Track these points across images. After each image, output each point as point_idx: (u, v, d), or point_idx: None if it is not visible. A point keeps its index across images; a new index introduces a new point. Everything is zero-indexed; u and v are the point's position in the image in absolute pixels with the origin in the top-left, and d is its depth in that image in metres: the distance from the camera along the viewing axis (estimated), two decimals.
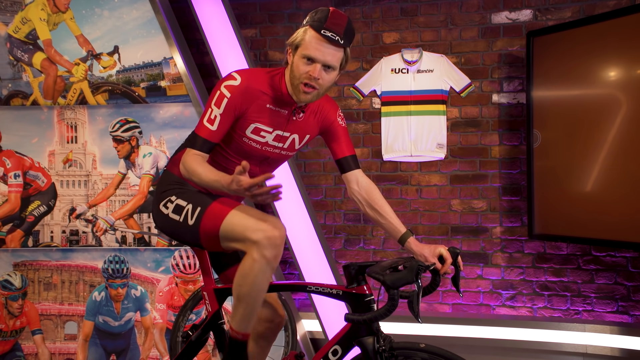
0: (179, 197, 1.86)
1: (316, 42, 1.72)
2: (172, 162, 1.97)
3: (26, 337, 3.52)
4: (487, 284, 3.34)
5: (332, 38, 1.71)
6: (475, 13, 3.34)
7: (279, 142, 1.90)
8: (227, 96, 1.76)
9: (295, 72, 1.76)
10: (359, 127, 3.50)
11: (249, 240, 1.67)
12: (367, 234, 3.49)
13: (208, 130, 1.76)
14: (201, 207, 1.78)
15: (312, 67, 1.74)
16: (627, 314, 3.13)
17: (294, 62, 1.77)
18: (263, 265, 1.67)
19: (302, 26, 1.78)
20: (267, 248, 1.65)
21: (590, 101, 2.86)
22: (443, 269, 1.83)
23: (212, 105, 1.77)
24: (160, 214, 1.89)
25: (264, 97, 1.81)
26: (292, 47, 1.78)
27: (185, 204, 1.82)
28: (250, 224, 1.68)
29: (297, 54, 1.76)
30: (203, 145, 1.77)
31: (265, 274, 1.69)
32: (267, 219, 1.70)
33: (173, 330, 2.53)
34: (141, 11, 3.33)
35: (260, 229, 1.66)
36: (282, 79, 1.83)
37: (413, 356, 1.75)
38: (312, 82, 1.75)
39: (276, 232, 1.66)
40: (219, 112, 1.76)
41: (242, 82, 1.77)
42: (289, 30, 3.57)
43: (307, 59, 1.74)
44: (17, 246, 3.49)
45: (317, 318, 3.18)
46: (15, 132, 3.50)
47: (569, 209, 2.95)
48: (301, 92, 1.77)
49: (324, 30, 1.71)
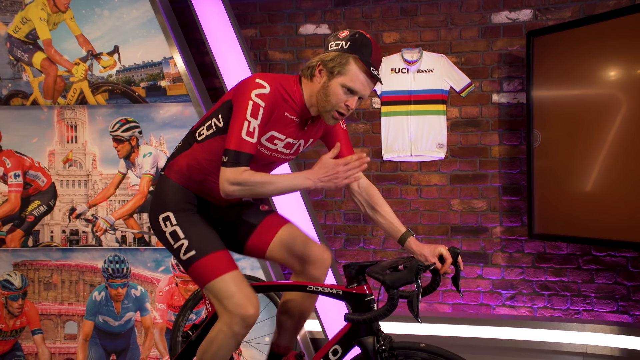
0: (178, 222, 1.86)
1: (363, 78, 1.74)
2: (170, 167, 1.94)
3: (26, 337, 3.52)
4: (487, 284, 3.34)
5: (377, 77, 1.75)
6: (475, 13, 3.34)
7: (287, 149, 1.89)
8: (262, 105, 1.70)
9: (332, 99, 1.75)
10: (359, 127, 3.50)
11: (226, 309, 1.77)
12: (367, 233, 3.49)
13: (250, 144, 1.69)
14: (196, 252, 1.81)
15: (352, 98, 1.76)
16: (627, 314, 3.13)
17: (332, 88, 1.75)
18: (229, 338, 1.78)
19: (341, 49, 1.74)
20: (238, 324, 1.76)
21: (590, 101, 2.86)
22: (443, 268, 1.83)
23: (249, 117, 1.69)
24: (157, 226, 1.90)
25: (284, 106, 1.79)
26: (330, 71, 1.74)
27: (182, 237, 1.84)
28: (235, 296, 1.76)
29: (336, 80, 1.74)
30: (248, 161, 1.69)
31: (229, 346, 1.80)
32: (250, 297, 1.78)
33: (173, 330, 2.52)
34: (141, 11, 3.33)
35: (241, 305, 1.75)
36: (299, 88, 1.81)
37: (413, 356, 1.75)
38: (346, 112, 1.78)
39: (251, 311, 1.75)
40: (257, 124, 1.69)
41: (271, 89, 1.73)
42: (289, 30, 3.57)
43: (347, 90, 1.74)
44: (17, 246, 3.49)
45: (317, 318, 3.18)
46: (15, 132, 3.50)
47: (569, 208, 2.95)
48: (331, 118, 1.80)
49: (373, 69, 1.73)
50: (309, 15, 3.55)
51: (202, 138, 1.86)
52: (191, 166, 1.88)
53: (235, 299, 1.75)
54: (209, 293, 1.82)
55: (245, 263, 3.27)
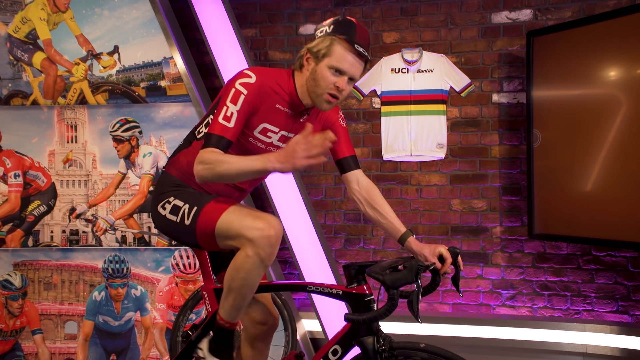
0: (176, 197, 1.85)
1: (347, 55, 1.73)
2: (170, 164, 1.96)
3: (26, 337, 3.52)
4: (487, 284, 3.34)
5: (363, 53, 1.73)
6: (475, 13, 3.34)
7: (283, 143, 1.90)
8: (244, 93, 1.72)
9: (321, 82, 1.75)
10: (359, 127, 3.50)
11: (244, 238, 1.66)
12: (367, 233, 3.49)
13: (224, 127, 1.70)
14: (197, 207, 1.78)
15: (341, 79, 1.75)
16: (627, 314, 3.13)
17: (319, 72, 1.75)
18: (256, 263, 1.67)
19: (325, 34, 1.76)
20: (263, 247, 1.65)
21: (590, 101, 2.86)
22: (443, 268, 1.83)
23: (228, 102, 1.72)
24: (158, 215, 1.89)
25: (275, 97, 1.80)
26: (316, 56, 1.76)
27: (182, 205, 1.82)
28: (247, 222, 1.67)
29: (323, 63, 1.74)
30: (219, 143, 1.68)
31: (258, 271, 1.69)
32: (264, 217, 1.69)
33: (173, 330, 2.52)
34: (141, 11, 3.33)
35: (256, 227, 1.65)
36: (291, 81, 1.83)
37: (413, 356, 1.75)
38: (337, 93, 1.76)
39: (272, 231, 1.65)
40: (235, 109, 1.71)
41: (257, 79, 1.75)
42: (289, 30, 3.57)
43: (335, 70, 1.74)
44: (17, 246, 3.49)
45: (317, 318, 3.18)
46: (15, 132, 3.50)
47: (569, 208, 2.95)
48: (324, 102, 1.78)
49: (357, 45, 1.72)
50: (309, 15, 3.55)
51: (200, 136, 1.88)
52: (190, 163, 1.89)
53: (249, 224, 1.66)
54: (223, 237, 1.72)
55: None
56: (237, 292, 1.74)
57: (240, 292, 1.73)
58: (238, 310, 1.78)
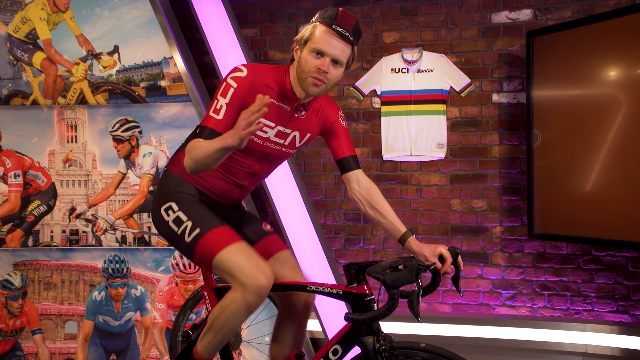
0: (180, 207, 1.86)
1: (327, 36, 1.75)
2: (173, 162, 1.98)
3: (26, 337, 3.52)
4: (487, 284, 3.34)
5: (343, 33, 1.75)
6: (475, 13, 3.34)
7: (280, 139, 1.90)
8: (234, 86, 1.76)
9: (304, 66, 1.77)
10: (359, 127, 3.50)
11: (238, 281, 1.73)
12: (367, 233, 3.49)
13: (214, 119, 1.74)
14: (200, 229, 1.81)
15: (322, 60, 1.76)
16: (627, 314, 3.13)
17: (302, 57, 1.79)
18: (242, 308, 1.74)
19: (310, 24, 1.81)
20: (252, 295, 1.72)
21: (590, 101, 2.86)
22: (443, 268, 1.83)
23: (218, 96, 1.76)
24: (160, 218, 1.90)
25: (268, 91, 1.81)
26: (301, 43, 1.80)
27: (185, 219, 1.84)
28: (245, 266, 1.73)
29: (305, 49, 1.78)
30: (209, 135, 1.71)
31: (242, 316, 1.77)
32: (261, 266, 1.75)
33: (173, 330, 2.52)
34: (141, 11, 3.33)
35: (252, 274, 1.71)
36: (287, 75, 1.85)
37: (413, 356, 1.75)
38: (321, 76, 1.77)
39: (264, 282, 1.72)
40: (225, 102, 1.75)
41: (249, 74, 1.78)
42: (289, 30, 3.57)
43: (316, 53, 1.76)
44: (17, 246, 3.49)
45: (317, 318, 3.18)
46: (15, 132, 3.49)
47: (569, 208, 2.95)
48: (310, 85, 1.78)
49: (335, 26, 1.74)
50: (308, 15, 3.55)
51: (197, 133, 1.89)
52: None
53: (245, 270, 1.72)
54: (218, 269, 1.79)
55: None
56: (218, 331, 1.81)
57: (221, 331, 1.81)
58: (216, 348, 1.86)
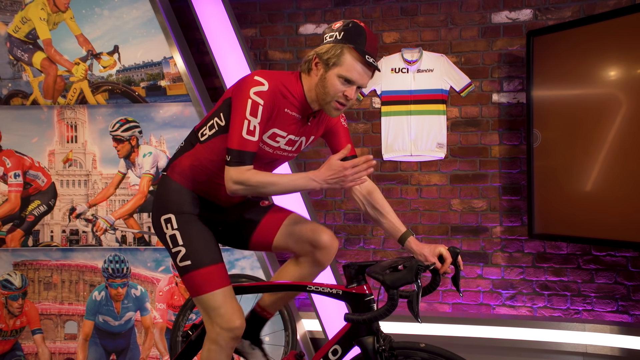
0: (179, 227, 1.87)
1: (357, 66, 1.73)
2: (172, 168, 1.94)
3: (26, 337, 3.52)
4: (487, 284, 3.34)
5: (373, 64, 1.74)
6: (475, 12, 3.34)
7: (289, 146, 1.89)
8: (261, 103, 1.71)
9: (330, 90, 1.75)
10: (359, 127, 3.50)
11: (213, 321, 1.82)
12: (367, 233, 3.49)
13: (252, 143, 1.70)
14: (191, 263, 1.83)
15: (350, 89, 1.76)
16: (627, 314, 3.13)
17: (329, 79, 1.75)
18: (219, 353, 1.83)
19: (335, 40, 1.74)
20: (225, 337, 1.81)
21: (590, 101, 2.85)
22: (443, 268, 1.83)
23: (248, 115, 1.69)
24: (159, 226, 1.90)
25: (284, 102, 1.79)
26: (326, 63, 1.75)
27: (180, 243, 1.85)
28: (220, 308, 1.81)
29: (332, 71, 1.74)
30: (251, 160, 1.71)
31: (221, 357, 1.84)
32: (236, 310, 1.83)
33: (173, 330, 2.52)
34: (141, 11, 3.33)
35: (226, 316, 1.80)
36: (299, 84, 1.82)
37: (413, 356, 1.75)
38: (345, 102, 1.77)
39: (237, 323, 1.81)
40: (257, 122, 1.70)
41: (270, 86, 1.73)
42: (289, 30, 3.57)
43: (344, 80, 1.74)
44: (17, 246, 3.49)
45: (317, 318, 3.18)
46: (15, 132, 3.50)
47: (569, 208, 2.95)
48: (333, 109, 1.79)
49: (368, 57, 1.72)
50: (309, 15, 3.55)
51: (204, 138, 1.86)
52: (194, 167, 1.88)
53: (221, 311, 1.80)
54: (198, 304, 1.86)
55: (245, 263, 3.27)
56: None
57: None
58: None
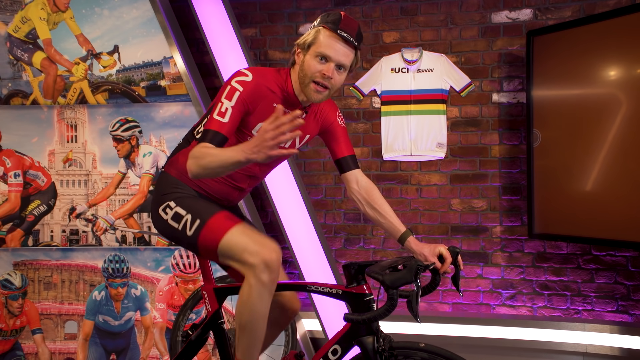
0: (178, 203, 1.85)
1: (332, 41, 1.74)
2: (170, 164, 1.96)
3: (26, 337, 3.52)
4: (487, 284, 3.34)
5: (347, 38, 1.74)
6: (475, 12, 3.34)
7: None
8: (240, 90, 1.73)
9: (307, 71, 1.76)
10: (358, 127, 3.50)
11: (246, 263, 1.69)
12: (367, 233, 3.49)
13: (219, 122, 1.69)
14: (200, 220, 1.78)
15: (326, 65, 1.75)
16: (627, 314, 3.13)
17: (306, 61, 1.76)
18: (260, 290, 1.69)
19: (312, 28, 1.80)
20: (264, 272, 1.67)
21: (591, 100, 2.85)
22: (443, 268, 1.83)
23: (223, 99, 1.72)
24: (159, 218, 1.89)
25: (271, 96, 1.80)
26: (303, 47, 1.78)
27: (184, 213, 1.82)
28: (249, 245, 1.70)
29: (309, 53, 1.76)
30: (214, 138, 1.67)
31: (264, 299, 1.70)
32: (265, 242, 1.72)
33: (173, 330, 2.53)
34: (141, 10, 3.33)
35: (257, 252, 1.68)
36: (289, 79, 1.84)
37: (413, 355, 1.75)
38: (325, 82, 1.76)
39: (273, 255, 1.68)
40: (230, 105, 1.71)
41: (254, 78, 1.76)
42: (289, 29, 3.57)
43: (320, 58, 1.75)
44: (17, 245, 3.49)
45: (317, 317, 3.18)
46: (15, 132, 3.50)
47: (569, 208, 2.95)
48: (313, 92, 1.77)
49: (340, 30, 1.73)
50: (308, 15, 3.54)
51: (199, 136, 1.87)
52: None
53: (250, 249, 1.69)
54: (224, 256, 1.75)
55: None
56: (250, 326, 1.74)
57: (252, 325, 1.74)
58: (255, 348, 1.78)
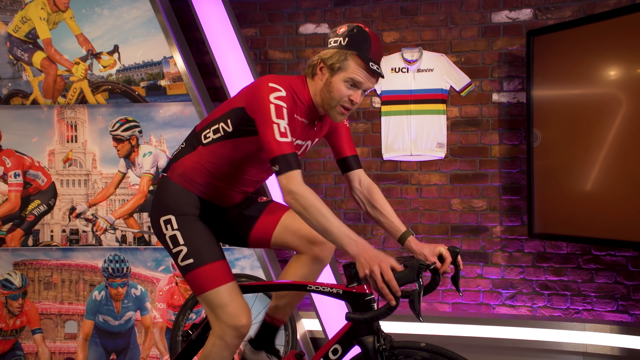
0: (179, 227, 1.85)
1: (363, 73, 1.74)
2: (172, 169, 1.93)
3: (26, 336, 3.52)
4: (487, 283, 3.34)
5: (378, 72, 1.74)
6: (475, 12, 3.34)
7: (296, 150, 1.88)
8: (284, 106, 1.69)
9: (336, 94, 1.75)
10: (359, 127, 3.50)
11: (220, 319, 1.78)
12: (367, 233, 3.49)
13: (288, 143, 1.65)
14: (194, 261, 1.82)
15: (356, 93, 1.76)
16: (627, 313, 3.13)
17: (334, 84, 1.75)
18: (223, 350, 1.80)
19: (339, 46, 1.74)
20: (233, 335, 1.78)
21: (590, 100, 2.86)
22: (443, 268, 1.83)
23: (275, 119, 1.65)
24: (158, 227, 1.89)
25: (294, 108, 1.79)
26: (330, 67, 1.75)
27: (181, 242, 1.84)
28: (230, 306, 1.78)
29: (337, 76, 1.74)
30: (293, 159, 1.64)
31: (224, 358, 1.81)
32: (243, 307, 1.80)
33: (173, 330, 2.52)
34: (141, 10, 3.33)
35: (235, 315, 1.77)
36: (306, 89, 1.82)
37: (413, 355, 1.75)
38: (350, 106, 1.78)
39: (244, 321, 1.78)
40: (285, 124, 1.67)
41: (287, 91, 1.73)
42: (289, 29, 3.57)
43: (350, 84, 1.75)
44: (17, 245, 3.49)
45: (317, 317, 3.18)
46: (15, 131, 3.49)
47: (569, 208, 2.95)
48: (338, 114, 1.79)
49: (372, 64, 1.72)
50: (309, 15, 3.55)
51: (208, 141, 1.85)
52: (196, 169, 1.88)
53: (228, 309, 1.77)
54: (203, 302, 1.84)
55: (245, 263, 3.27)
56: None
57: None
58: None
